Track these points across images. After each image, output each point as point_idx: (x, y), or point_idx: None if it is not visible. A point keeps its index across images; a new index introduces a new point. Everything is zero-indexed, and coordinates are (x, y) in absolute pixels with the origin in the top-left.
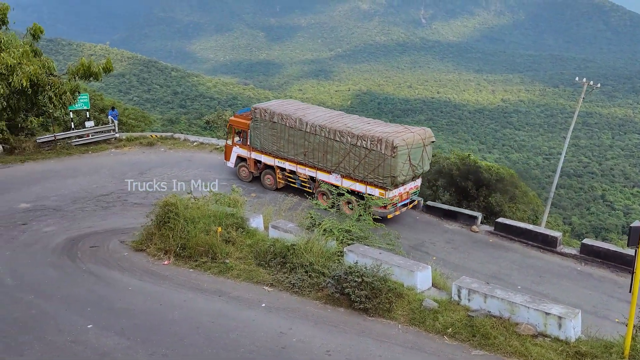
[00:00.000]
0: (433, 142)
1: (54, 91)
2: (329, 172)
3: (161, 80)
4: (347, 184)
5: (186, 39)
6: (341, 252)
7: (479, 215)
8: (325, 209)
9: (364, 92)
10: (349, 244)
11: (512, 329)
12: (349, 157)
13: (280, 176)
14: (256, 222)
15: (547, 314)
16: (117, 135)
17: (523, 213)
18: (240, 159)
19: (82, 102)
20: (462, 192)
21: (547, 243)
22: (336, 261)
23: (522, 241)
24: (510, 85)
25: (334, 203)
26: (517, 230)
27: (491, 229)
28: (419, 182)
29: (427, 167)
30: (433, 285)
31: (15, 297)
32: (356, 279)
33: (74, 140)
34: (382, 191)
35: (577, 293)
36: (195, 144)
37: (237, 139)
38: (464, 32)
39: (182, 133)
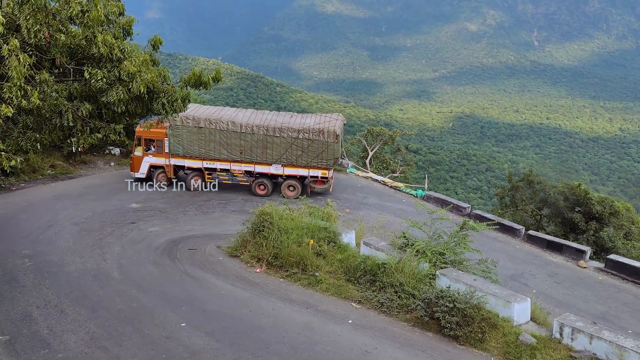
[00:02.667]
0: (345, 123)
1: (167, 98)
2: (269, 164)
3: (266, 94)
4: (289, 171)
5: (292, 56)
6: (433, 275)
7: (588, 250)
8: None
9: (466, 114)
10: (442, 267)
11: None
12: (292, 149)
13: (209, 176)
14: (348, 238)
15: None
16: None
17: (639, 252)
18: (154, 167)
19: None
20: (569, 224)
21: None
22: (427, 284)
23: (637, 282)
24: (631, 114)
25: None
26: (631, 269)
27: (601, 265)
28: None
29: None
30: (532, 319)
31: (120, 290)
32: (448, 304)
33: None
34: (325, 171)
35: None
36: None
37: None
38: (580, 56)
39: None
